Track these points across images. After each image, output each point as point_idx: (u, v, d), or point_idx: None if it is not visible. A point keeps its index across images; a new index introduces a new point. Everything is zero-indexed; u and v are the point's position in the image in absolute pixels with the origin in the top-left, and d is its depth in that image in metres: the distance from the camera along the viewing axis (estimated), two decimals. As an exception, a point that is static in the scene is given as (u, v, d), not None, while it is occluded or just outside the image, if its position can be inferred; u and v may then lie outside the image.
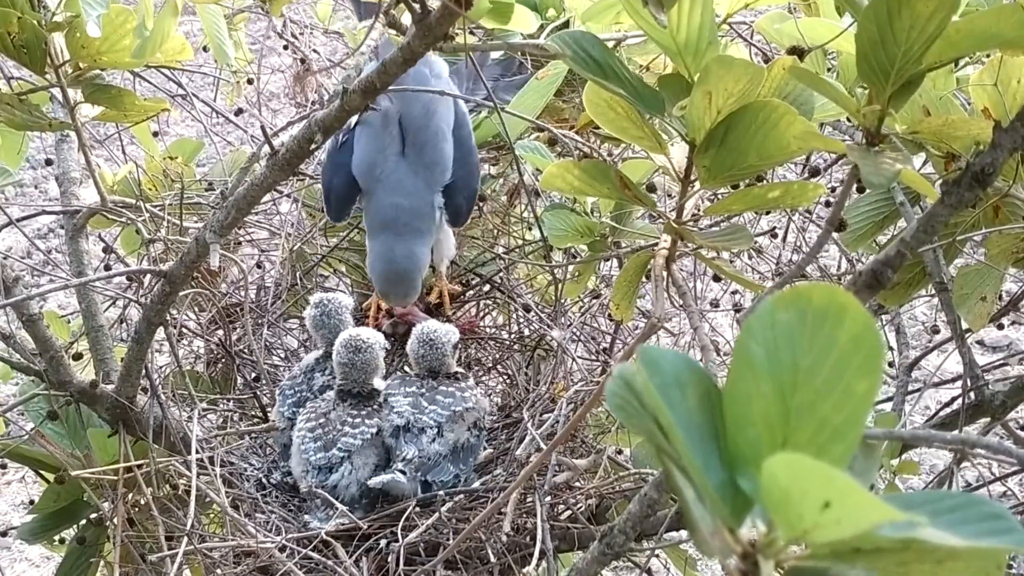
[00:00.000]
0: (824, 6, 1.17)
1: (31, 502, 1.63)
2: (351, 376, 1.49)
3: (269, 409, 1.65)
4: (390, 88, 1.06)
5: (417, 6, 0.94)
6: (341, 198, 1.61)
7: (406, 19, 1.05)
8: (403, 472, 1.42)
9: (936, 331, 1.88)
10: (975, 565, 0.49)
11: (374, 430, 1.46)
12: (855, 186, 1.15)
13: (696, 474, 0.47)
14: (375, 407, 1.49)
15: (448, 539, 1.37)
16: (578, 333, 1.73)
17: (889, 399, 1.42)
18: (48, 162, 1.85)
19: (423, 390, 1.50)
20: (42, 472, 1.59)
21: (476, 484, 1.48)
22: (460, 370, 1.57)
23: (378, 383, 1.53)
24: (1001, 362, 1.55)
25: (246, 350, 1.71)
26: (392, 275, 1.56)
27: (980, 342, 3.76)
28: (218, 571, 1.40)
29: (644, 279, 1.28)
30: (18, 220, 1.53)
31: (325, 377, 1.56)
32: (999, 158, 0.80)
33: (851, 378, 0.46)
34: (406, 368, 1.66)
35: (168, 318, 1.43)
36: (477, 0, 0.93)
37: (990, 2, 1.16)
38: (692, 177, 1.05)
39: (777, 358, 0.47)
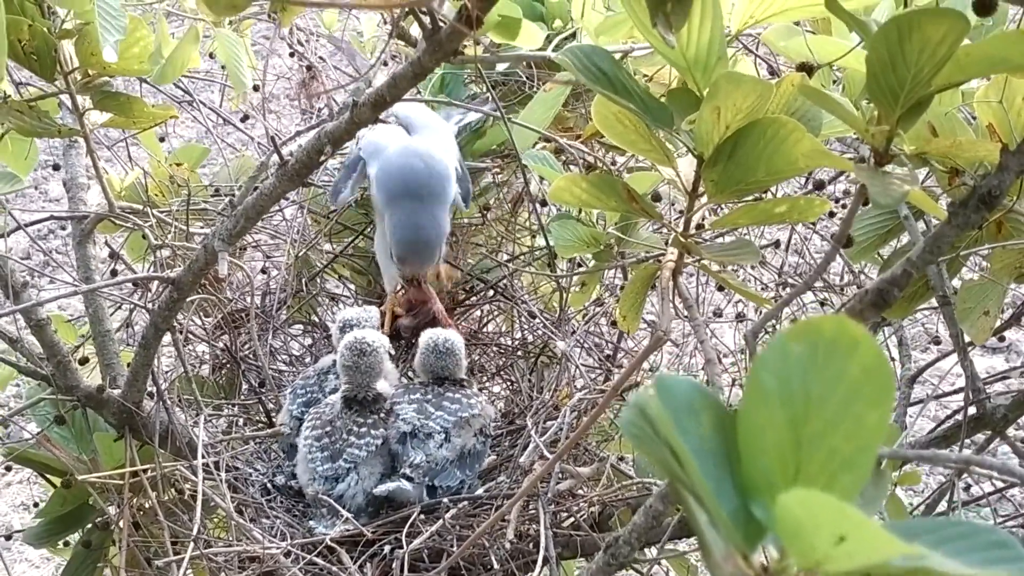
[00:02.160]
0: (836, 23, 1.18)
1: (35, 504, 1.64)
2: (356, 380, 1.49)
3: (274, 414, 1.66)
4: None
5: (427, 20, 0.95)
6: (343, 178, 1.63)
7: (415, 31, 1.06)
8: (409, 479, 1.43)
9: (937, 342, 1.88)
10: (982, 592, 0.49)
11: (380, 441, 1.47)
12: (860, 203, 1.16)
13: (709, 501, 0.48)
14: (381, 416, 1.50)
15: (452, 546, 1.38)
16: (582, 341, 1.74)
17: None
18: (56, 167, 1.86)
19: (428, 396, 1.51)
20: (48, 476, 1.59)
21: (480, 491, 1.49)
22: (465, 377, 1.57)
23: (382, 387, 1.53)
24: (1002, 375, 1.56)
25: (251, 355, 1.72)
26: (417, 242, 1.55)
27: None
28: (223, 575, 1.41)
29: (651, 289, 1.28)
30: (27, 224, 1.54)
31: (339, 381, 1.57)
32: (1006, 180, 0.81)
33: (862, 409, 0.47)
34: (409, 375, 1.66)
35: (175, 323, 1.44)
36: (486, 17, 0.93)
37: (994, 21, 1.17)
38: (700, 191, 1.05)
39: (789, 388, 0.48)
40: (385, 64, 1.81)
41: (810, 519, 0.40)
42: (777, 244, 1.75)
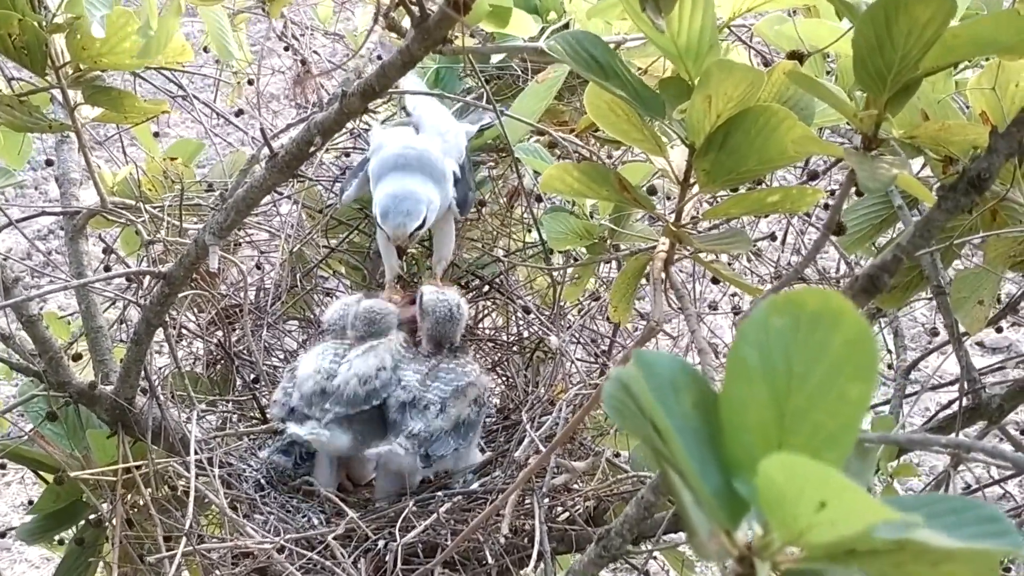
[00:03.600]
0: (824, 10, 1.17)
1: (30, 502, 1.63)
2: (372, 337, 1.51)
3: (268, 410, 1.65)
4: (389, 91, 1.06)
5: (416, 9, 0.95)
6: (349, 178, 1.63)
7: (406, 22, 1.06)
8: (403, 447, 1.43)
9: (935, 334, 1.88)
10: (970, 567, 0.49)
11: (375, 343, 1.49)
12: (853, 189, 1.16)
13: (692, 478, 0.47)
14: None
15: (446, 540, 1.37)
16: (577, 335, 1.74)
17: (887, 402, 1.43)
18: (48, 163, 1.85)
19: (427, 367, 1.51)
20: (41, 473, 1.59)
21: (475, 485, 1.49)
22: (460, 344, 1.57)
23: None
24: (999, 365, 1.56)
25: (245, 351, 1.71)
26: (398, 197, 1.48)
27: (980, 344, 3.77)
28: (216, 572, 1.40)
29: (644, 281, 1.28)
30: (18, 221, 1.54)
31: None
32: (995, 163, 0.80)
33: (845, 383, 0.46)
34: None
35: (167, 319, 1.44)
36: (476, 4, 0.93)
37: (989, 8, 1.17)
38: (691, 180, 1.05)
39: (771, 363, 0.47)
40: (379, 58, 1.80)
41: (791, 485, 0.40)
42: (773, 237, 1.75)
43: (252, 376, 1.72)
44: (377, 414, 1.47)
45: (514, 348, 1.82)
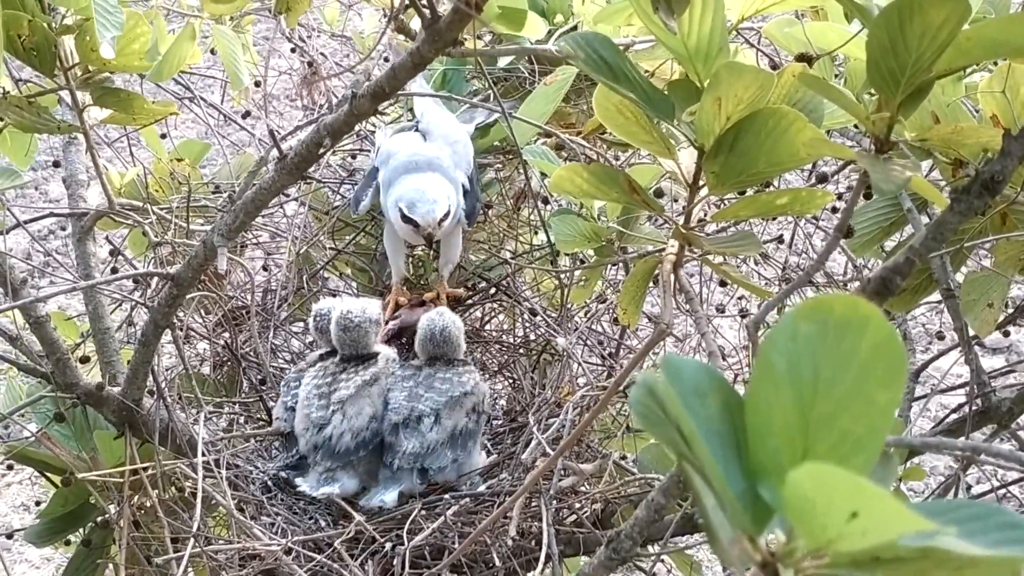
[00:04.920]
0: (832, 12, 1.17)
1: (36, 503, 1.63)
2: (349, 347, 1.53)
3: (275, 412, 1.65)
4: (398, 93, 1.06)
5: (427, 11, 0.94)
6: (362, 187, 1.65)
7: (415, 24, 1.06)
8: (396, 472, 1.43)
9: (941, 337, 1.88)
10: (992, 573, 0.49)
11: (367, 377, 1.49)
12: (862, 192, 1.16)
13: (717, 482, 0.47)
14: (374, 362, 1.52)
15: (454, 543, 1.37)
16: (584, 337, 1.73)
17: (895, 405, 1.42)
18: (56, 164, 1.85)
19: (420, 378, 1.50)
20: (48, 474, 1.59)
21: (482, 488, 1.48)
22: (462, 358, 1.56)
23: (379, 348, 1.55)
24: (1007, 368, 1.56)
25: (252, 353, 1.71)
26: (420, 189, 1.52)
27: (980, 344, 3.77)
28: (223, 573, 1.40)
29: (652, 284, 1.28)
30: (26, 222, 1.54)
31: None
32: (1008, 166, 0.80)
33: (872, 389, 0.46)
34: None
35: (175, 321, 1.43)
36: (487, 5, 0.93)
37: (997, 11, 1.17)
38: (700, 183, 1.05)
39: (798, 369, 0.47)
40: (386, 60, 1.80)
41: (822, 494, 0.39)
42: (780, 240, 1.75)
43: (259, 377, 1.71)
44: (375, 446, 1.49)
45: (521, 350, 1.81)
